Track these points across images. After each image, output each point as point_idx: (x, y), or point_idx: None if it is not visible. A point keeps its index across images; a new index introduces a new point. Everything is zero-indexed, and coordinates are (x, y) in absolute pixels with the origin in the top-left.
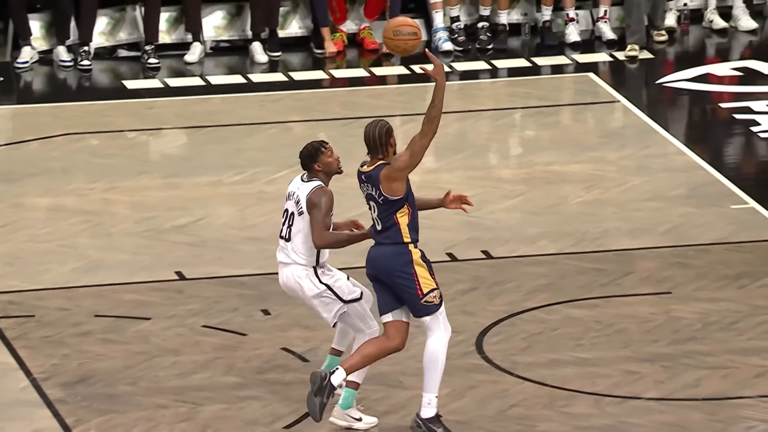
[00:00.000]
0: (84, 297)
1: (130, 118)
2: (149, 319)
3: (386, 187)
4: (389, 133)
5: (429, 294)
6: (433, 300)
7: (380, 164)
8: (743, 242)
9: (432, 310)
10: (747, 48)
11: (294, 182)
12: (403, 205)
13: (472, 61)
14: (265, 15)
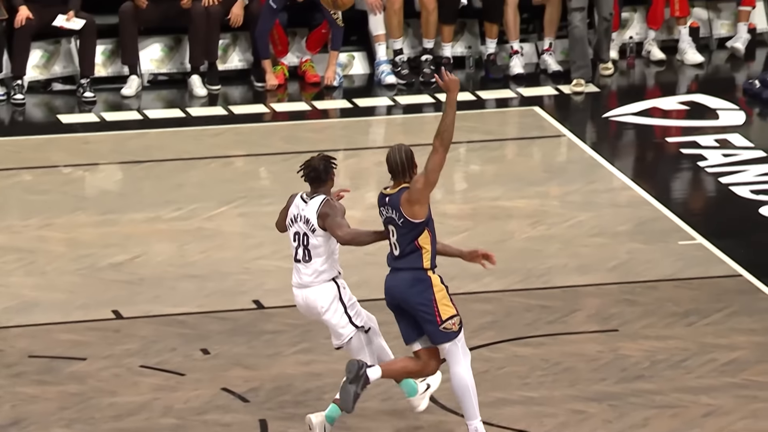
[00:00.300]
0: (17, 337)
1: (65, 153)
2: (85, 360)
3: (408, 210)
4: (413, 157)
5: (448, 321)
6: (452, 327)
7: (403, 187)
8: (691, 279)
9: (451, 337)
10: (693, 82)
11: (295, 205)
12: (423, 229)
13: (416, 94)
14: (204, 48)
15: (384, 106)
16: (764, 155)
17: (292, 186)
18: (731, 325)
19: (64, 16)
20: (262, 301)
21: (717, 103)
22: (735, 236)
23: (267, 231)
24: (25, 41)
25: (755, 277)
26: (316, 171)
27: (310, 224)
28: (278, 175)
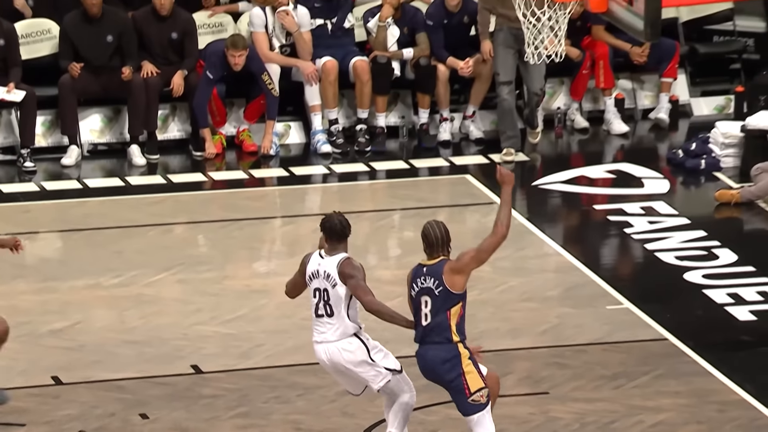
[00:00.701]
0: None
1: (5, 222)
2: (24, 425)
3: (449, 279)
4: (449, 232)
5: (476, 393)
6: (480, 399)
7: (443, 259)
8: (619, 342)
9: (480, 408)
10: (619, 151)
11: (312, 262)
12: (458, 301)
13: (351, 163)
14: (143, 118)
15: (320, 174)
16: (688, 222)
17: (231, 252)
18: (657, 387)
19: (4, 88)
20: (201, 366)
21: (642, 172)
22: (660, 301)
23: (206, 297)
24: None
25: (680, 340)
26: (339, 226)
27: (331, 279)
28: (216, 242)
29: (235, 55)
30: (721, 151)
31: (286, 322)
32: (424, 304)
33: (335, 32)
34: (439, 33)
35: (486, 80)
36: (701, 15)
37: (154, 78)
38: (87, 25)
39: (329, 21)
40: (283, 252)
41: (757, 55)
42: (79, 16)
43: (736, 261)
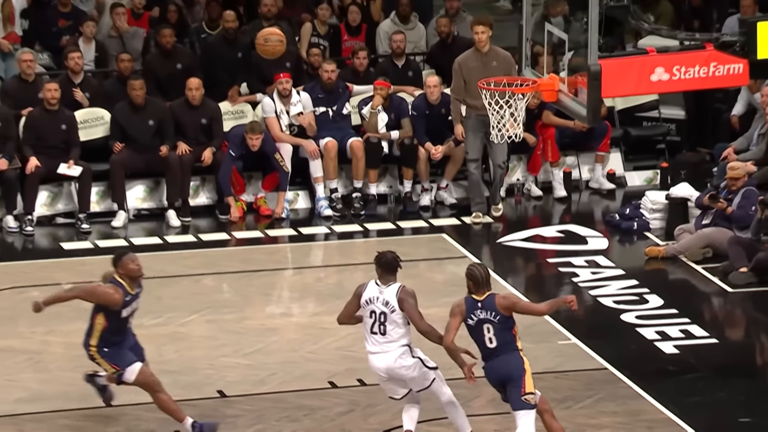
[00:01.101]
0: (27, 422)
1: (65, 273)
2: None
3: (503, 310)
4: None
5: (528, 394)
6: (530, 400)
7: (491, 294)
8: (567, 371)
9: (528, 407)
10: (566, 215)
11: (369, 290)
12: (514, 323)
13: (348, 224)
14: (178, 188)
15: (323, 233)
16: (623, 273)
17: (250, 298)
18: (599, 408)
19: (65, 165)
20: (225, 391)
21: (586, 231)
22: (602, 337)
23: (229, 334)
24: (34, 184)
25: (617, 369)
26: (393, 262)
27: (390, 306)
28: (238, 290)
29: (253, 138)
30: (649, 215)
31: (294, 355)
32: (486, 330)
33: (335, 118)
34: (422, 121)
35: (458, 161)
36: (633, 104)
37: (187, 155)
38: (133, 113)
39: (330, 109)
40: (293, 297)
41: (678, 137)
42: (127, 105)
43: (662, 305)
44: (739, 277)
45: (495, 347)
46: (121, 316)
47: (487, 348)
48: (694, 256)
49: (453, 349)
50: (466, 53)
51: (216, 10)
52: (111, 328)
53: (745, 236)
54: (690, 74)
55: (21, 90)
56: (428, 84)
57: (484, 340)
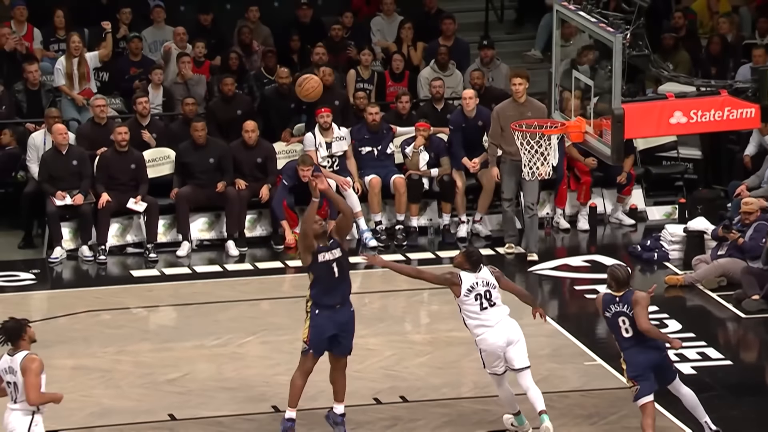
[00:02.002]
0: None
1: (135, 298)
2: None
3: (634, 304)
4: (629, 273)
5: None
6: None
7: (628, 290)
8: (593, 390)
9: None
10: (592, 246)
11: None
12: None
13: (391, 254)
14: (236, 221)
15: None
16: None
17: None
18: (623, 424)
19: (133, 200)
20: (279, 407)
21: (610, 261)
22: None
23: (282, 354)
24: (106, 218)
25: None
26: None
27: (491, 284)
28: (290, 313)
29: (304, 169)
30: (669, 246)
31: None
32: (621, 322)
33: (380, 156)
34: (458, 134)
35: (488, 193)
36: (653, 145)
37: (244, 191)
38: (195, 151)
39: (375, 148)
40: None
41: (695, 175)
42: (190, 144)
43: (681, 329)
44: (751, 304)
45: (631, 337)
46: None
47: (624, 337)
48: (710, 284)
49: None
50: (504, 102)
51: (272, 60)
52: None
53: (756, 266)
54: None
55: (94, 132)
56: (464, 96)
57: (620, 330)
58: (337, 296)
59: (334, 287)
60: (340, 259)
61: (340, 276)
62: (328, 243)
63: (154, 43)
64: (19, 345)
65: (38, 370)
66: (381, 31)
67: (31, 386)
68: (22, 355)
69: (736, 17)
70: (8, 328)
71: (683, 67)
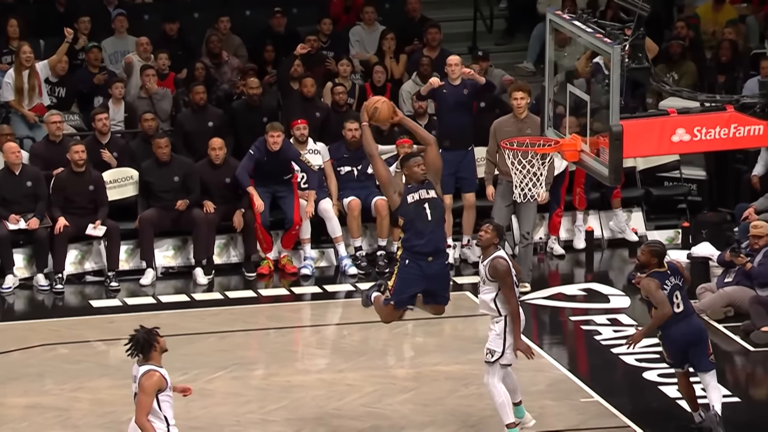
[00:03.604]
0: None
1: (94, 330)
2: None
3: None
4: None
5: (712, 355)
6: (714, 361)
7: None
8: (589, 428)
9: (714, 367)
10: (589, 273)
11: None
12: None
13: (372, 281)
14: (204, 246)
15: (347, 291)
16: None
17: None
18: None
19: (92, 225)
20: None
21: (608, 290)
22: (624, 395)
23: (254, 390)
24: (63, 244)
25: (640, 427)
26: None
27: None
28: (263, 346)
29: (274, 135)
30: None
31: (319, 411)
32: (676, 297)
33: (360, 177)
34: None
35: (472, 214)
36: (655, 165)
37: (212, 214)
38: (158, 169)
39: (355, 168)
40: (317, 354)
41: (699, 197)
42: (153, 162)
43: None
44: (760, 336)
45: (683, 311)
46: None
47: (675, 312)
48: (716, 314)
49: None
50: (503, 118)
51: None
52: None
53: (765, 294)
54: (711, 135)
55: (50, 151)
56: (450, 63)
57: (673, 305)
58: (429, 245)
59: (427, 233)
60: (433, 201)
61: (434, 220)
62: (420, 183)
63: (114, 54)
64: (150, 356)
65: (151, 389)
66: (361, 41)
67: (141, 405)
68: (144, 369)
69: (743, 26)
70: (139, 338)
71: (689, 78)
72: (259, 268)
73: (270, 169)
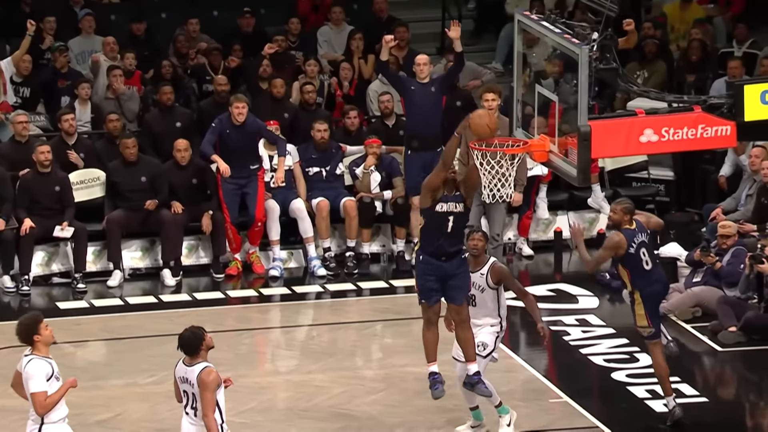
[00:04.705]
0: None
1: (61, 332)
2: None
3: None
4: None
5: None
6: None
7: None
8: (558, 429)
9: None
10: (557, 273)
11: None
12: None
13: (342, 283)
14: (172, 247)
15: (316, 292)
16: (614, 332)
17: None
18: None
19: (59, 227)
20: None
21: (576, 290)
22: (592, 396)
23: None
24: (29, 245)
25: (608, 428)
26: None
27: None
28: (232, 347)
29: (239, 106)
30: None
31: (288, 412)
32: (642, 254)
33: (328, 178)
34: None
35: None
36: (623, 165)
37: (180, 215)
38: (125, 169)
39: (324, 169)
40: (286, 355)
41: (667, 197)
42: (120, 163)
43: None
44: (728, 336)
45: (651, 268)
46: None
47: (646, 271)
48: (683, 315)
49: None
50: None
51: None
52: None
53: (733, 294)
54: (678, 136)
55: (15, 152)
56: (418, 62)
57: (641, 265)
58: (441, 251)
59: (443, 241)
60: (459, 215)
61: (453, 232)
62: (452, 193)
63: (81, 54)
64: (197, 355)
65: (213, 385)
66: (329, 41)
67: (207, 404)
68: (200, 367)
69: (710, 27)
70: (186, 337)
71: (658, 77)
72: (228, 269)
73: (236, 146)
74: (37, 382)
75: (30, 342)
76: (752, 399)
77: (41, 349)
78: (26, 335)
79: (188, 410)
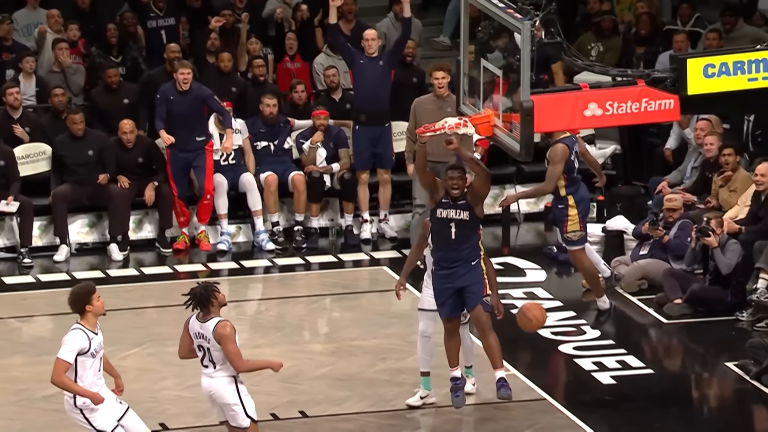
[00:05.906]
0: None
1: (6, 307)
2: None
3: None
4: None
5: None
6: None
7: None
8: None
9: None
10: (505, 247)
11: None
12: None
13: (290, 257)
14: (119, 222)
15: (264, 266)
16: (561, 305)
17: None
18: None
19: (4, 201)
20: (167, 424)
21: (524, 264)
22: (540, 368)
23: (170, 367)
24: None
25: (555, 400)
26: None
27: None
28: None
29: (184, 72)
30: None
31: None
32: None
33: (276, 152)
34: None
35: (387, 186)
36: None
37: (127, 189)
38: (72, 143)
39: (272, 143)
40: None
41: (613, 171)
42: (67, 137)
43: (599, 336)
44: (673, 309)
45: (578, 175)
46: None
47: (576, 174)
48: (630, 287)
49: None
50: (423, 96)
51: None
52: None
53: (679, 267)
54: (623, 109)
55: None
56: (366, 37)
57: (575, 166)
58: (446, 259)
59: (446, 249)
60: (461, 223)
61: (457, 240)
62: (456, 201)
63: (27, 26)
64: (209, 311)
65: (232, 336)
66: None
67: (233, 354)
68: (213, 322)
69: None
70: (197, 293)
71: (614, 53)
72: (175, 243)
73: (180, 112)
74: (66, 351)
75: (81, 311)
76: (697, 370)
77: (90, 320)
78: (79, 305)
79: (206, 363)
